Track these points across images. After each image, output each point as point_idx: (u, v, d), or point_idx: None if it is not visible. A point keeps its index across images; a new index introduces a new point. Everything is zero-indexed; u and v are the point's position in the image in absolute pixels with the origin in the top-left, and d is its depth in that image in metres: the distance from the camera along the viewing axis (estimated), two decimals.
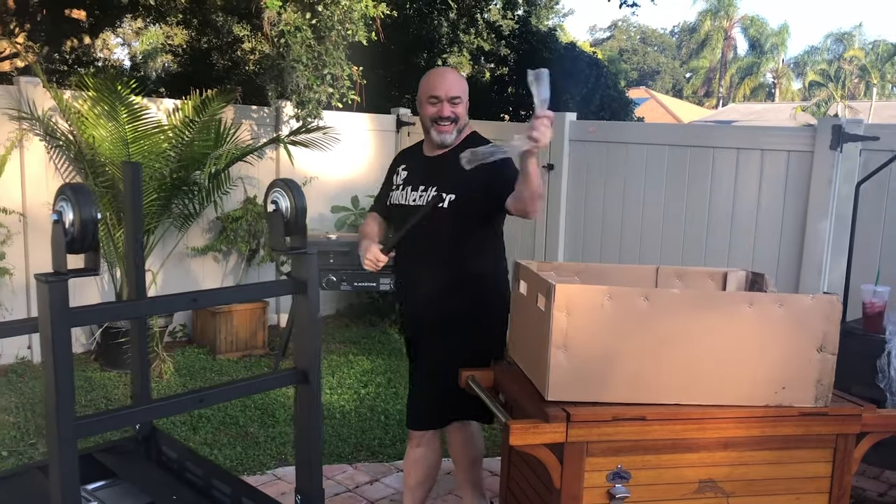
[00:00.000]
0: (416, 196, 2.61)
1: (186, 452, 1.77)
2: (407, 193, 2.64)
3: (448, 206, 2.52)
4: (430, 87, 2.57)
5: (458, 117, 2.56)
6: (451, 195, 2.52)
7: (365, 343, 5.51)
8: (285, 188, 1.34)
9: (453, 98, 2.53)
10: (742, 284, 2.63)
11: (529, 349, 2.27)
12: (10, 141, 4.52)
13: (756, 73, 36.85)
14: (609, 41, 40.53)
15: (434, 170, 2.62)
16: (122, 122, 4.52)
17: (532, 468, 2.29)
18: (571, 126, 5.11)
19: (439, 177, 2.57)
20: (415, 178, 2.66)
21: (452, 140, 2.58)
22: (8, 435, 3.71)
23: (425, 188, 2.59)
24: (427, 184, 2.60)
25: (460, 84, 2.58)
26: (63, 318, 1.06)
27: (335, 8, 4.75)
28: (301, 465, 1.42)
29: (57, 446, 1.08)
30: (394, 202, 2.71)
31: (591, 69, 8.95)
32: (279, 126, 5.59)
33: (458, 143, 2.60)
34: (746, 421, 2.12)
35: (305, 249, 1.37)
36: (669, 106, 29.46)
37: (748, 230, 4.33)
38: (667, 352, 2.10)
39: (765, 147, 4.28)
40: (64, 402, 1.07)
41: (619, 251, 4.87)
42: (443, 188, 2.54)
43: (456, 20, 10.04)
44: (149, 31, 15.83)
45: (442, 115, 2.54)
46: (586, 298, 2.05)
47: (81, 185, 1.13)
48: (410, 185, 2.65)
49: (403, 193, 2.66)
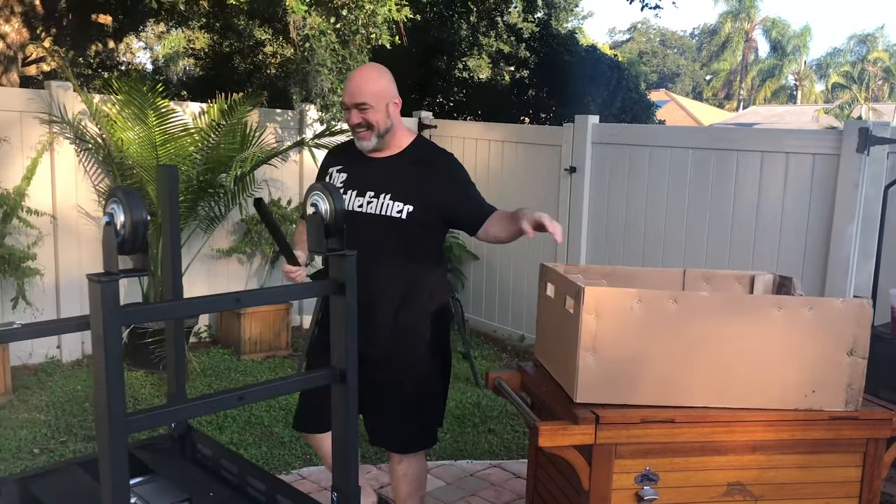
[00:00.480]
0: (362, 202, 2.41)
1: (221, 450, 1.80)
2: (350, 198, 2.42)
3: (406, 218, 2.36)
4: (343, 93, 2.42)
5: (372, 123, 2.37)
6: (410, 206, 2.36)
7: None
8: (325, 191, 1.37)
9: (359, 104, 2.35)
10: (769, 288, 2.62)
11: (557, 351, 2.28)
12: (41, 144, 4.61)
13: (778, 76, 36.54)
14: (628, 43, 40.39)
15: (382, 175, 2.43)
16: (150, 124, 4.58)
17: (560, 470, 2.30)
18: (594, 129, 5.11)
19: (394, 185, 2.39)
20: (358, 182, 2.45)
21: (374, 146, 2.41)
22: (39, 433, 3.77)
23: (375, 194, 2.40)
24: (378, 190, 2.40)
25: (369, 87, 2.36)
26: (114, 317, 1.09)
27: (359, 12, 4.79)
28: (338, 463, 1.45)
29: (108, 442, 1.11)
30: None
31: (612, 72, 8.94)
32: (303, 129, 5.65)
33: (406, 148, 2.46)
34: (776, 424, 2.12)
35: (344, 251, 1.39)
36: (689, 108, 29.29)
37: (773, 233, 4.31)
38: (696, 355, 2.10)
39: (790, 150, 4.26)
40: (115, 399, 1.10)
41: (643, 254, 4.87)
42: (399, 198, 2.37)
43: (476, 23, 10.07)
44: (171, 35, 16.03)
45: (351, 123, 2.39)
46: (615, 301, 2.06)
47: (132, 188, 1.16)
48: (354, 189, 2.43)
49: (345, 198, 2.44)
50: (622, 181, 4.97)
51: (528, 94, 9.76)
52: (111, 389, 1.10)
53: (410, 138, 2.49)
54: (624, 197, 4.97)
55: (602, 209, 5.09)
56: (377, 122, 2.37)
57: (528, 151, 5.60)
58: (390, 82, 2.43)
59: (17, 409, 4.05)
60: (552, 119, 9.28)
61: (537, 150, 5.51)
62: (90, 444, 3.68)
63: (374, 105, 2.35)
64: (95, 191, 4.82)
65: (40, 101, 4.62)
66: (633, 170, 4.91)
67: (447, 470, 3.60)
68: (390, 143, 2.43)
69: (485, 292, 5.99)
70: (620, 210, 4.99)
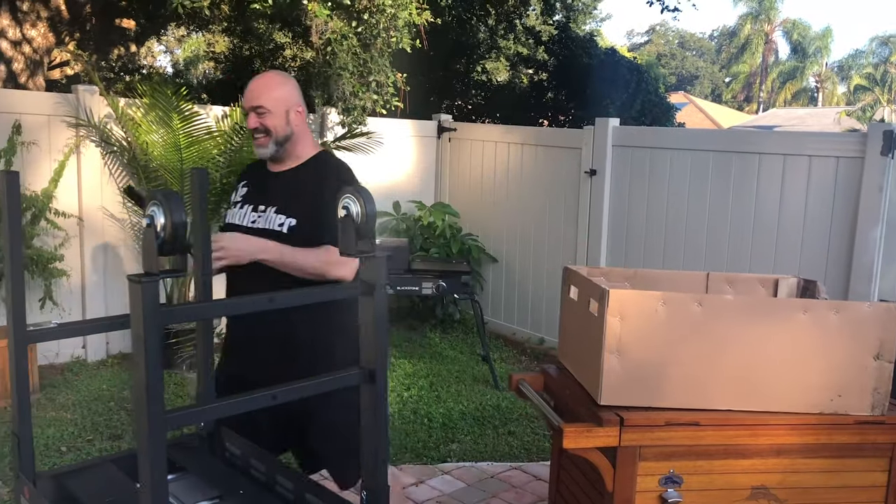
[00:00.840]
0: (255, 217, 2.31)
1: (249, 449, 1.82)
2: (245, 213, 2.34)
3: (288, 232, 2.24)
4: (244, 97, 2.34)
5: (270, 129, 2.28)
6: (292, 220, 2.25)
7: (406, 347, 5.57)
8: (356, 194, 1.39)
9: (257, 108, 2.28)
10: (794, 291, 2.62)
11: (581, 354, 2.29)
12: (68, 147, 4.68)
13: (799, 78, 36.22)
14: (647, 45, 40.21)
15: (277, 188, 2.34)
16: (174, 128, 4.64)
17: (583, 472, 2.30)
18: (615, 131, 5.11)
19: (282, 198, 2.30)
20: (255, 196, 2.37)
21: (271, 153, 2.32)
22: (66, 431, 3.83)
23: (265, 208, 2.31)
24: (267, 203, 2.32)
25: (269, 92, 2.30)
26: (154, 317, 1.12)
27: (380, 16, 4.83)
28: (367, 463, 1.46)
29: (147, 438, 1.13)
30: (229, 221, 2.39)
31: (631, 74, 8.92)
32: (324, 132, 5.69)
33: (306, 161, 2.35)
34: (800, 428, 2.12)
35: (374, 253, 1.41)
36: (708, 111, 29.10)
37: (795, 237, 4.28)
38: (720, 357, 2.11)
39: (813, 153, 4.23)
40: (154, 396, 1.13)
41: (663, 257, 4.85)
42: (283, 211, 2.27)
43: (494, 26, 10.09)
44: (191, 39, 16.20)
45: (249, 127, 2.32)
46: (640, 304, 2.07)
47: (172, 191, 1.19)
48: (250, 204, 2.36)
49: (241, 212, 2.36)
50: (643, 184, 4.96)
51: (547, 96, 9.75)
52: (151, 387, 1.13)
53: (313, 152, 2.39)
54: (644, 200, 4.96)
55: (622, 212, 5.08)
56: (275, 128, 2.29)
57: (548, 154, 5.60)
58: (294, 90, 2.36)
59: (45, 407, 4.12)
60: (571, 122, 9.27)
61: (557, 153, 5.51)
62: (116, 443, 3.74)
63: (272, 109, 2.28)
64: (120, 193, 4.89)
65: (67, 104, 4.69)
66: (654, 172, 4.90)
67: (468, 472, 3.61)
68: (291, 154, 2.34)
69: (504, 295, 6.00)
70: (641, 213, 4.98)
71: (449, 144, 6.40)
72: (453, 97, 10.13)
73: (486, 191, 6.08)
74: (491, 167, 6.04)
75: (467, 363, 5.23)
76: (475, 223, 6.14)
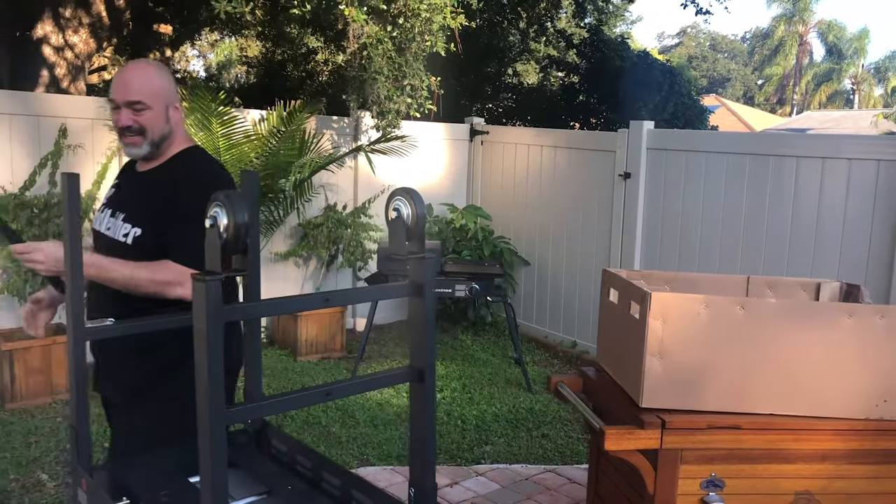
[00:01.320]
0: (110, 224, 2.07)
1: (296, 445, 1.86)
2: (104, 218, 2.10)
3: (132, 243, 1.98)
4: (111, 88, 2.05)
5: (147, 128, 2.01)
6: (138, 230, 1.99)
7: (438, 349, 5.60)
8: (407, 197, 1.42)
9: (134, 103, 1.99)
10: (836, 296, 2.59)
11: (621, 356, 2.29)
12: (110, 150, 4.79)
13: (834, 80, 35.61)
14: (677, 48, 39.85)
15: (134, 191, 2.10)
16: (214, 131, 4.73)
17: (622, 474, 2.31)
18: (649, 134, 5.09)
19: (133, 203, 2.05)
20: (115, 199, 2.13)
21: (145, 154, 2.05)
22: (108, 428, 3.91)
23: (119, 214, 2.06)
24: (122, 208, 2.06)
25: (148, 85, 2.01)
26: (216, 314, 1.16)
27: (415, 20, 4.86)
28: (415, 460, 1.49)
29: (209, 432, 1.17)
30: (94, 226, 2.15)
31: (664, 77, 8.86)
32: (358, 135, 5.75)
33: (170, 159, 2.08)
34: (845, 434, 2.10)
35: (423, 254, 1.44)
36: (741, 113, 28.75)
37: (834, 241, 4.23)
38: (763, 361, 2.10)
39: (852, 156, 4.18)
40: (216, 392, 1.17)
41: (697, 261, 4.82)
42: (130, 219, 2.02)
43: (526, 29, 10.09)
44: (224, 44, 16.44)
45: (119, 125, 2.02)
46: (682, 307, 2.07)
47: (234, 192, 1.23)
48: (110, 208, 2.11)
49: (102, 217, 2.12)
50: (678, 187, 4.94)
51: (578, 99, 9.73)
52: (212, 383, 1.16)
53: (181, 147, 2.11)
54: (679, 203, 4.93)
55: (657, 215, 5.06)
56: (152, 128, 2.02)
57: (581, 157, 5.59)
58: (173, 82, 2.10)
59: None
60: (602, 124, 9.23)
61: (591, 156, 5.50)
62: None
63: (151, 105, 2.00)
64: None
65: (109, 108, 4.80)
66: (689, 175, 4.87)
67: (502, 473, 3.62)
68: (164, 153, 2.08)
69: (536, 298, 6.00)
70: (675, 216, 4.95)
71: (481, 147, 6.42)
72: (484, 100, 10.15)
73: (519, 193, 6.09)
74: (523, 170, 6.05)
75: (499, 366, 5.25)
76: (507, 226, 6.15)
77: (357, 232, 5.55)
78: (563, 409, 4.45)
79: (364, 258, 5.55)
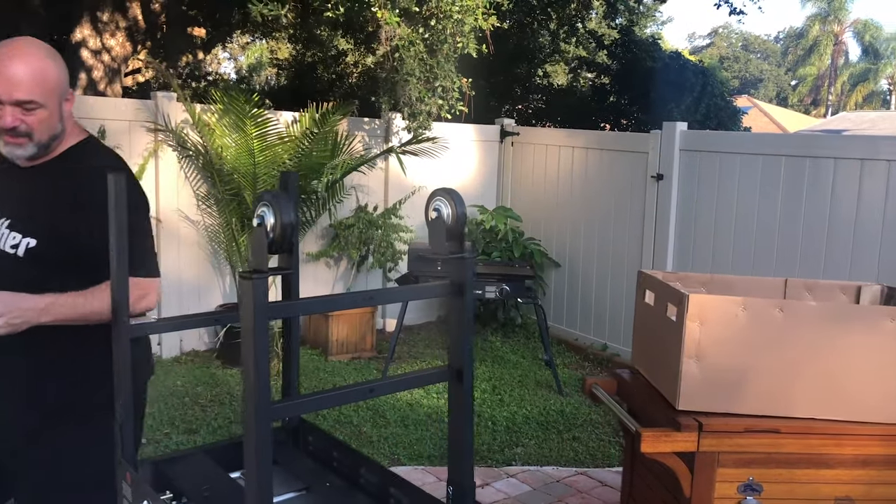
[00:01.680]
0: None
1: (333, 443, 1.88)
2: None
3: (24, 255, 1.70)
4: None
5: (33, 130, 1.69)
6: (31, 239, 1.70)
7: None
8: (447, 197, 1.43)
9: (24, 102, 1.65)
10: (877, 299, 2.55)
11: (657, 358, 2.28)
12: (147, 151, 4.88)
13: (870, 80, 34.93)
14: (709, 48, 39.41)
15: (16, 191, 1.79)
16: (248, 133, 4.79)
17: (657, 477, 2.29)
18: (682, 136, 5.05)
19: (20, 205, 1.76)
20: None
21: (31, 155, 1.73)
22: (145, 424, 3.97)
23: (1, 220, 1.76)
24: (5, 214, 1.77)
25: (42, 80, 1.67)
26: (263, 312, 1.18)
27: (447, 22, 4.88)
28: (453, 459, 1.50)
29: (255, 427, 1.19)
30: None
31: (696, 78, 8.78)
32: (389, 137, 5.78)
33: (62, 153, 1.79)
34: (888, 439, 2.07)
35: (463, 254, 1.45)
36: (773, 115, 28.33)
37: (873, 243, 4.15)
38: (802, 365, 2.07)
39: (891, 157, 4.10)
40: (262, 387, 1.19)
41: (731, 263, 4.76)
42: (19, 226, 1.73)
43: (556, 30, 10.07)
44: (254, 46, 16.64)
45: (4, 127, 1.66)
46: (720, 309, 2.05)
47: (280, 192, 1.25)
48: None
49: None
50: (711, 188, 4.89)
51: (609, 100, 9.68)
52: (259, 379, 1.18)
53: (75, 140, 1.81)
54: (713, 204, 4.88)
55: (690, 217, 5.01)
56: (43, 129, 1.71)
57: (613, 158, 5.56)
58: (65, 69, 1.76)
59: None
60: (633, 126, 9.18)
61: (623, 157, 5.47)
62: (191, 437, 3.87)
63: (45, 103, 1.68)
64: (195, 196, 5.06)
65: (147, 111, 4.89)
66: (723, 177, 4.82)
67: (533, 475, 3.62)
68: (55, 150, 1.78)
69: (566, 300, 5.98)
70: (709, 217, 4.90)
71: (511, 148, 6.41)
72: (514, 101, 10.14)
73: (549, 195, 6.07)
74: (554, 171, 6.03)
75: (529, 368, 5.24)
76: (537, 227, 6.13)
77: (388, 233, 5.58)
78: (595, 411, 4.42)
79: (394, 259, 5.58)
